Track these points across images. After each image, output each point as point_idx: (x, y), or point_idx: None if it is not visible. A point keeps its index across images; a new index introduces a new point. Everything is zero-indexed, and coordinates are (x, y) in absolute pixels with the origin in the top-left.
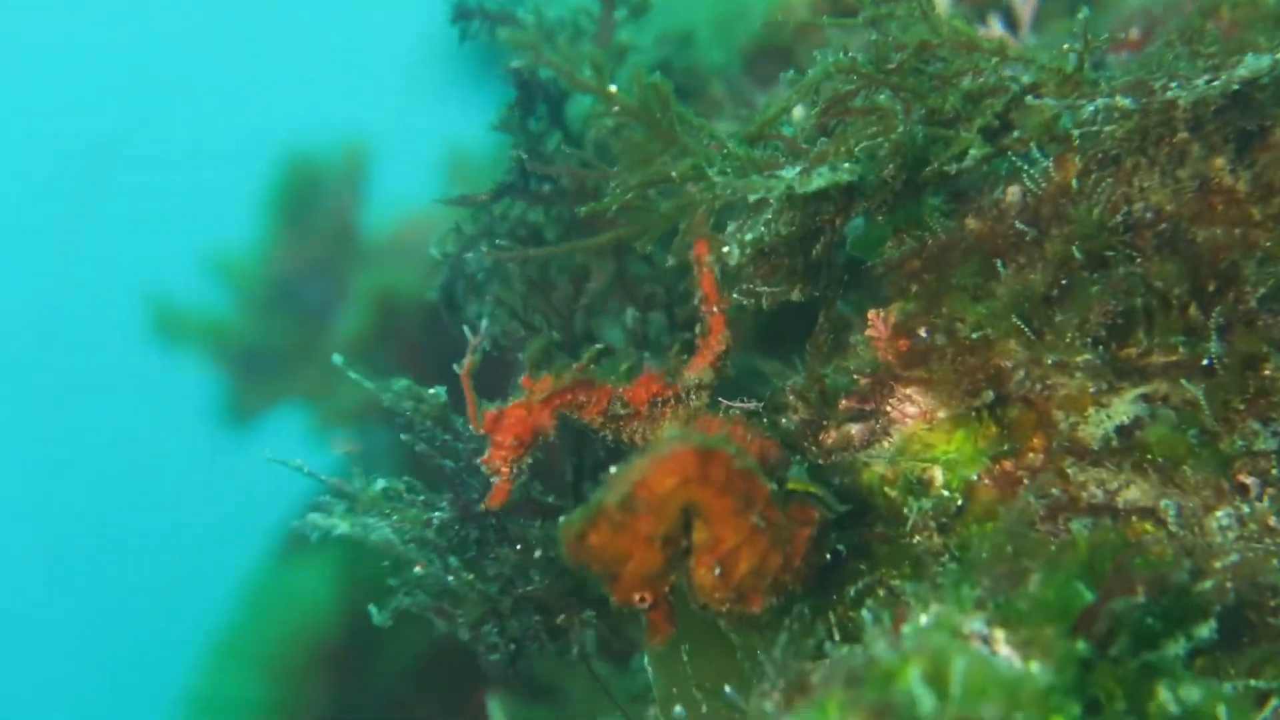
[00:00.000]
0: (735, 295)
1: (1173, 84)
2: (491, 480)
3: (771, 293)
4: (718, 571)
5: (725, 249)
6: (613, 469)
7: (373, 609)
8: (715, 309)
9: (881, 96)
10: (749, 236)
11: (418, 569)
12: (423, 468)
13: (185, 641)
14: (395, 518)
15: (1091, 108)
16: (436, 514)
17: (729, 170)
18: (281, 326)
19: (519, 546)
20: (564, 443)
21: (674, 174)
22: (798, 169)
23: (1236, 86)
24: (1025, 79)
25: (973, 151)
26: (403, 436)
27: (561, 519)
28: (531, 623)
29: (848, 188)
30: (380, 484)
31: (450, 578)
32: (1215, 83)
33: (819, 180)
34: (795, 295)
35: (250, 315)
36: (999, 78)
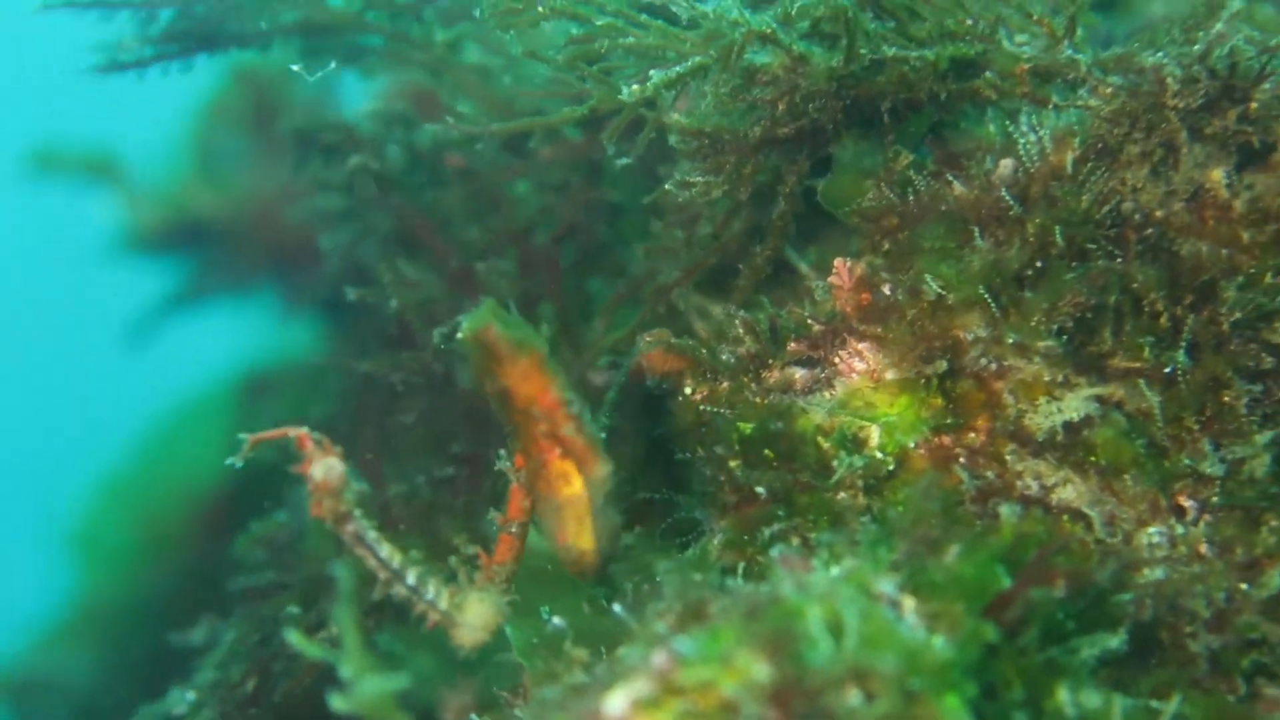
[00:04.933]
0: (669, 186)
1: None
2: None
3: (705, 184)
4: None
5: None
6: None
7: None
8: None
9: None
10: (660, 77)
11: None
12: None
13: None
14: None
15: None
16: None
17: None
18: None
19: None
20: None
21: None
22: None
23: (1219, 50)
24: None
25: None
26: None
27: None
28: None
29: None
30: None
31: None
32: (1196, 46)
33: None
34: (731, 193)
35: None
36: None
